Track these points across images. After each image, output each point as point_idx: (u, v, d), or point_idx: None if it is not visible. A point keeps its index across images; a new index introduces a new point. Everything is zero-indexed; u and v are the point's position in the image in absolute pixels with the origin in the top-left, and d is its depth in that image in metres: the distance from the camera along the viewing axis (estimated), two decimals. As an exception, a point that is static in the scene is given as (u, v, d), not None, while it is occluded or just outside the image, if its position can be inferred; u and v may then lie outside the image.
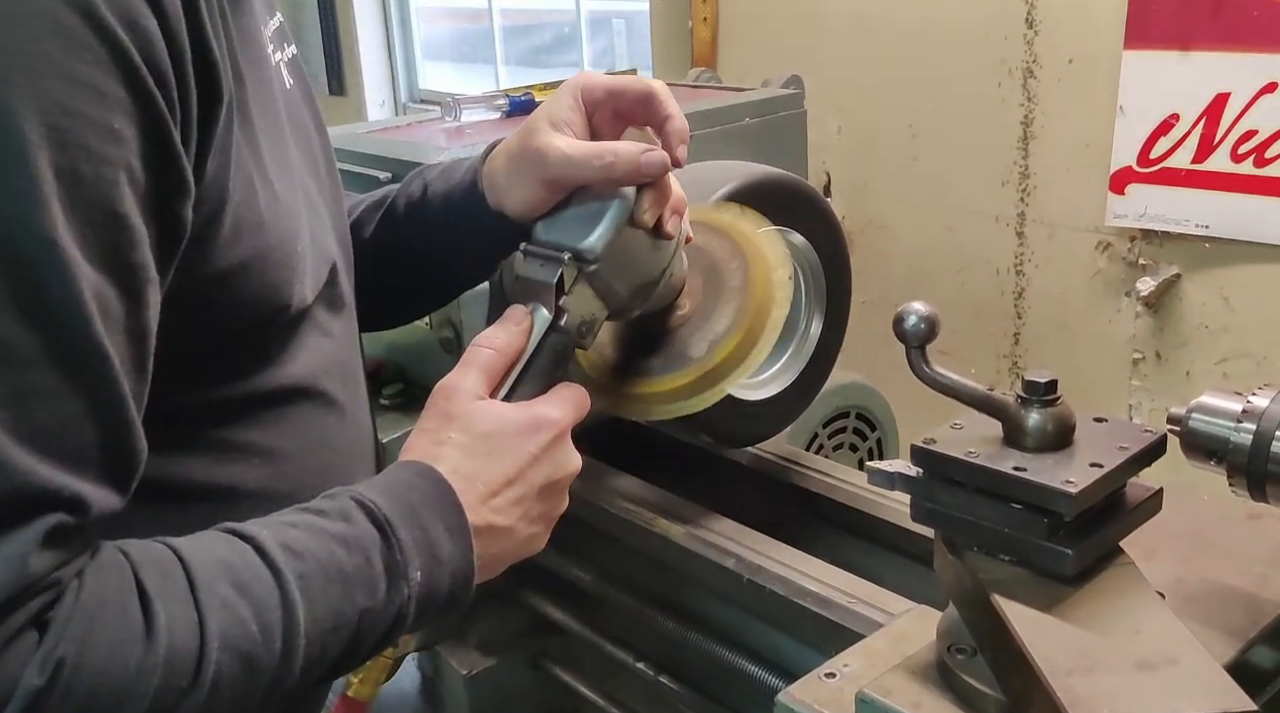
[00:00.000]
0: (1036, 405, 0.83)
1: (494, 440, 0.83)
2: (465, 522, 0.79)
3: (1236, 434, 0.85)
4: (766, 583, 1.16)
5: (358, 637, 0.73)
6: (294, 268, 0.81)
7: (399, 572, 0.74)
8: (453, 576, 0.78)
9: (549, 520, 0.87)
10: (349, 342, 0.95)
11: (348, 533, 0.74)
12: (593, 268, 0.91)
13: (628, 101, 0.96)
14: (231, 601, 0.67)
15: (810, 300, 1.33)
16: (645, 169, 0.91)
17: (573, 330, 0.91)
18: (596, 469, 1.45)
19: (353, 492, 0.77)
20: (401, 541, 0.75)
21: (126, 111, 0.64)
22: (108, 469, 0.65)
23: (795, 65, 1.94)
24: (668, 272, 0.98)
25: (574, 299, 0.91)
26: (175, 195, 0.68)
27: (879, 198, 2.42)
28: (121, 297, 0.65)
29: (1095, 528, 0.80)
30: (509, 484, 0.82)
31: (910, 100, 2.29)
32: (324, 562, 0.71)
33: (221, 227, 0.74)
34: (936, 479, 0.85)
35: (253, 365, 0.82)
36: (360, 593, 0.73)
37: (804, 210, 1.29)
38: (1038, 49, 2.07)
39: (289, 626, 0.68)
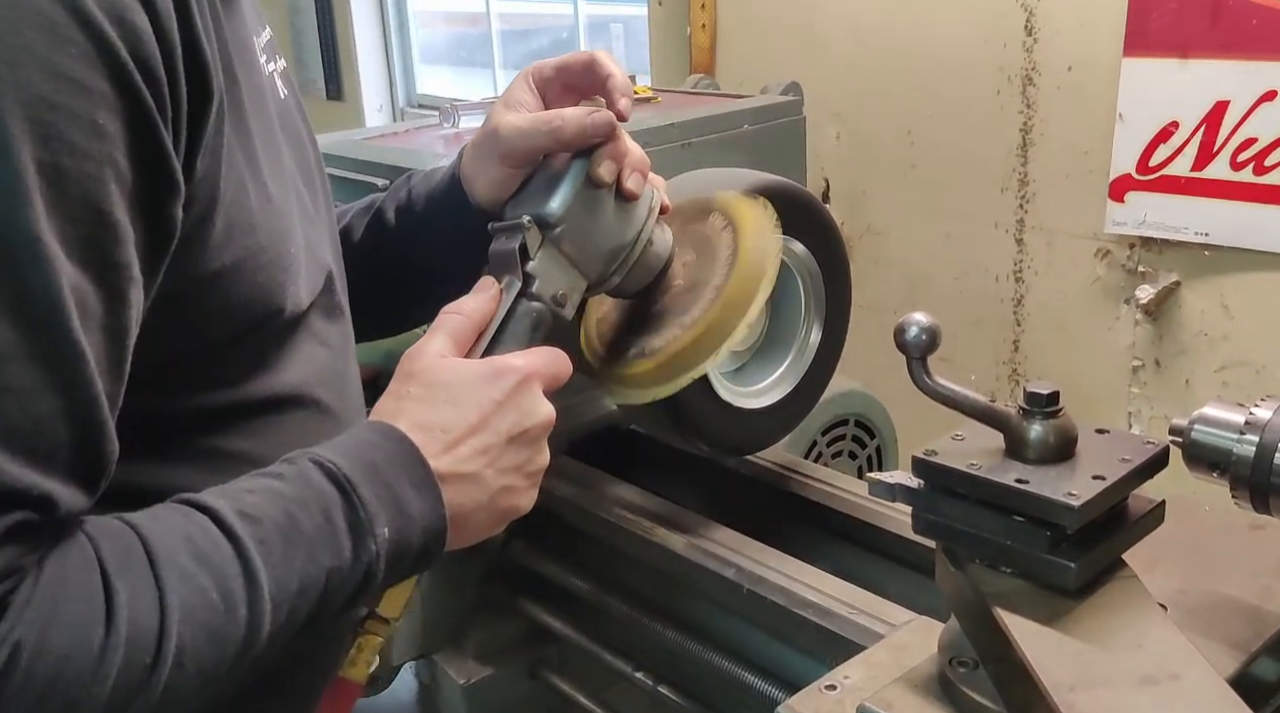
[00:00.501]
0: (1038, 417, 0.82)
1: (453, 389, 0.82)
2: (431, 475, 0.78)
3: (1239, 446, 0.84)
4: (767, 593, 1.16)
5: (325, 596, 0.72)
6: (287, 269, 0.80)
7: (364, 529, 0.73)
8: (424, 530, 0.77)
9: (526, 473, 0.85)
10: (345, 351, 0.94)
11: (306, 493, 0.73)
12: (557, 231, 0.92)
13: (574, 73, 0.99)
14: (191, 572, 0.66)
15: (809, 308, 1.32)
16: (593, 128, 0.93)
17: (546, 298, 0.91)
18: (595, 478, 1.45)
19: (311, 453, 0.76)
20: (364, 498, 0.74)
21: (112, 107, 0.63)
22: (78, 469, 0.64)
23: (794, 72, 1.94)
24: (642, 237, 0.98)
25: (541, 265, 0.91)
26: (165, 194, 0.68)
27: (878, 205, 2.42)
28: (101, 294, 0.64)
29: (1098, 541, 0.80)
30: (472, 432, 0.81)
31: (909, 107, 2.29)
32: (283, 525, 0.70)
33: (213, 226, 0.73)
34: (938, 491, 0.84)
35: (246, 372, 0.81)
36: (324, 553, 0.72)
37: (803, 217, 1.29)
38: (1037, 56, 2.07)
39: (252, 592, 0.68)
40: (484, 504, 0.82)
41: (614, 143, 0.95)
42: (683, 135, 1.70)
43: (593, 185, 0.94)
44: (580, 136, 0.94)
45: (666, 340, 1.01)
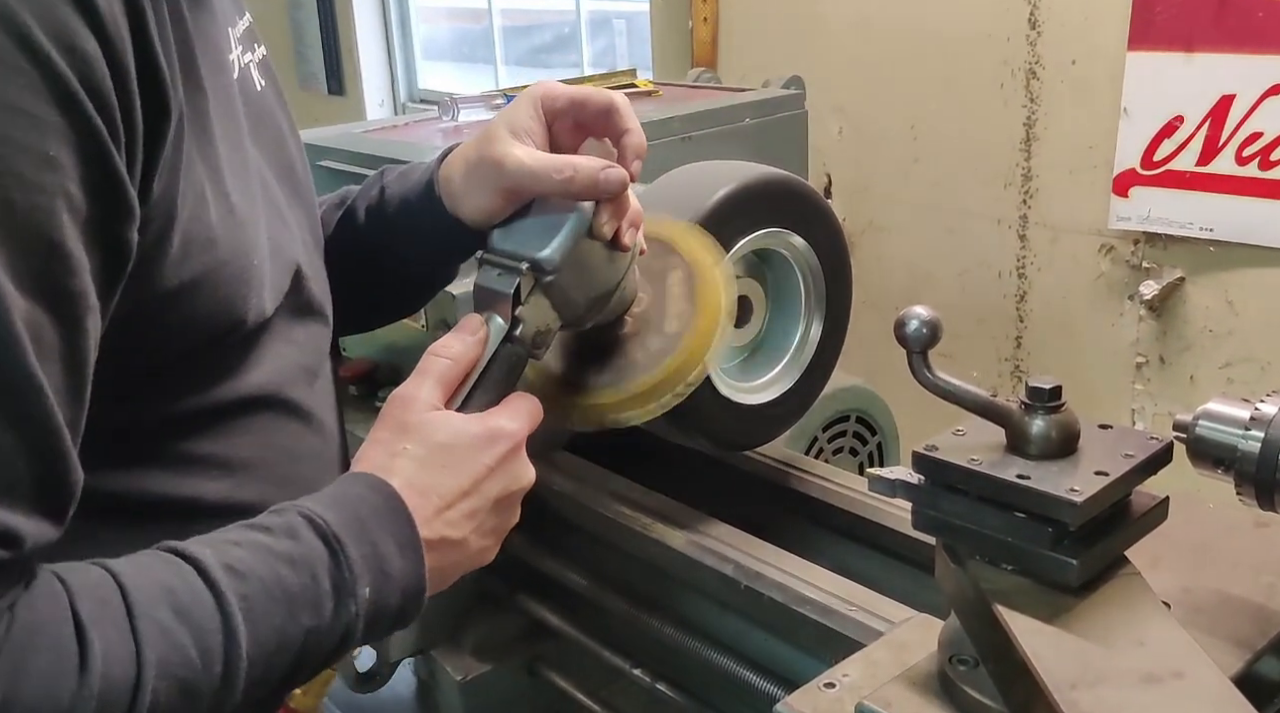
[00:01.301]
0: (1040, 412, 0.81)
1: (450, 453, 0.82)
2: (417, 537, 0.77)
3: (1244, 442, 0.83)
4: (765, 590, 1.15)
5: (302, 656, 0.72)
6: (249, 282, 0.79)
7: (347, 589, 0.73)
8: (403, 591, 0.76)
9: (500, 534, 0.86)
10: (315, 347, 0.93)
11: (294, 551, 0.72)
12: (549, 278, 0.91)
13: (589, 113, 0.95)
14: (170, 627, 0.65)
15: (810, 304, 1.31)
16: (604, 185, 0.90)
17: (527, 341, 0.91)
18: (594, 473, 1.44)
19: (301, 507, 0.75)
20: (350, 558, 0.73)
21: (63, 137, 0.62)
22: (41, 501, 0.63)
23: (796, 66, 1.93)
24: (623, 284, 0.98)
25: (530, 309, 0.90)
26: (119, 219, 0.66)
27: (880, 200, 2.41)
28: (57, 325, 0.63)
29: (1100, 537, 0.79)
30: (464, 497, 0.81)
31: (912, 101, 2.27)
32: (268, 582, 0.70)
33: (170, 245, 0.72)
34: (938, 487, 0.83)
35: (211, 378, 0.80)
36: (306, 613, 0.71)
37: (804, 211, 1.27)
38: (1040, 50, 2.05)
39: (230, 649, 0.67)
40: (461, 565, 0.84)
41: (622, 201, 0.93)
42: (683, 129, 1.69)
43: (591, 238, 0.92)
44: (591, 192, 0.90)
45: (626, 376, 1.02)
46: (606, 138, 0.95)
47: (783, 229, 1.25)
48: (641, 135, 0.94)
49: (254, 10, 0.96)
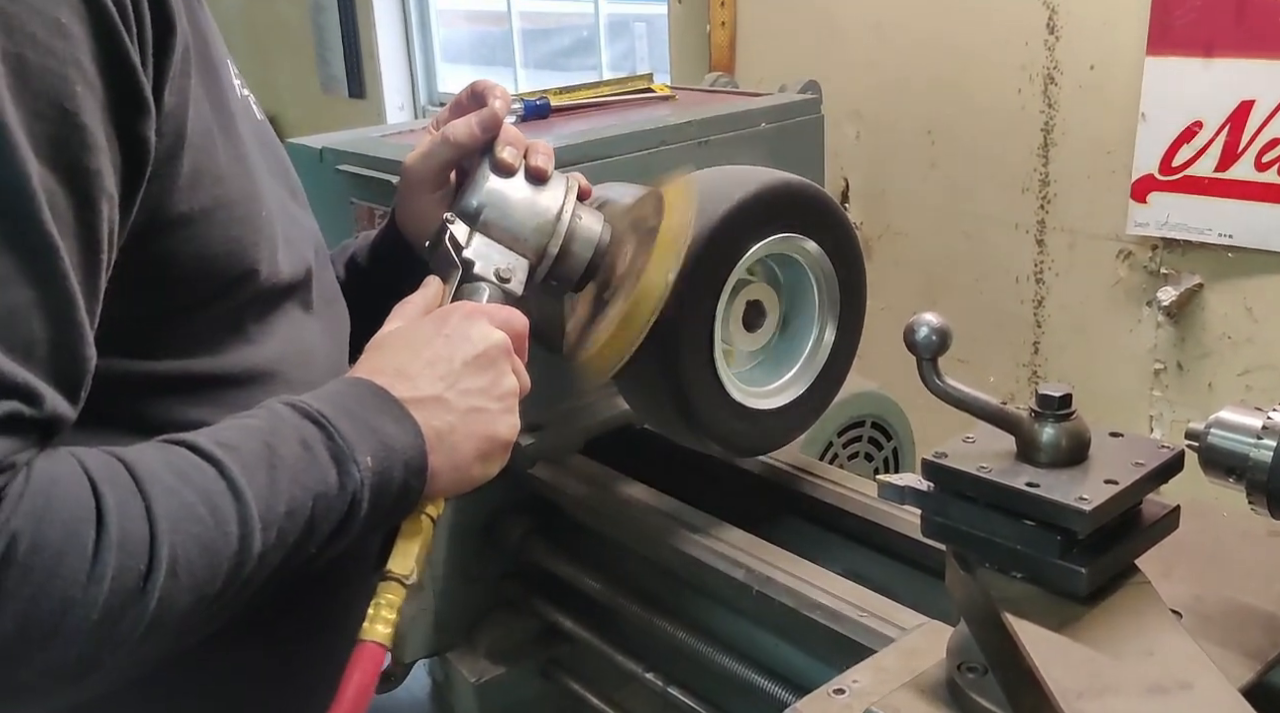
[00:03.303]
0: (1051, 420, 0.81)
1: (401, 337, 0.87)
2: (400, 405, 0.80)
3: (1256, 451, 0.83)
4: (776, 595, 1.15)
5: (313, 522, 0.73)
6: (259, 230, 0.82)
7: (346, 456, 0.74)
8: (406, 462, 0.78)
9: (494, 396, 0.86)
10: (332, 345, 0.95)
11: (280, 427, 0.74)
12: (481, 219, 1.00)
13: (463, 104, 1.06)
14: (175, 488, 0.66)
15: (824, 308, 1.31)
16: (480, 122, 1.01)
17: (490, 277, 0.98)
18: (608, 477, 1.44)
19: (280, 398, 0.77)
20: (341, 430, 0.75)
21: (74, 8, 0.63)
22: (56, 368, 0.63)
23: (813, 71, 1.92)
24: (565, 212, 1.03)
25: (475, 251, 0.99)
26: (135, 113, 0.68)
27: (897, 205, 2.40)
28: (71, 198, 0.63)
29: (1109, 546, 0.78)
30: (428, 365, 0.84)
31: (929, 106, 2.27)
32: (261, 453, 0.71)
33: (180, 165, 0.73)
34: (948, 494, 0.83)
35: (225, 339, 0.82)
36: (308, 478, 0.73)
37: (819, 216, 1.27)
38: (1059, 55, 2.05)
39: (241, 509, 0.68)
40: (456, 426, 0.83)
41: (512, 134, 1.02)
42: (700, 133, 1.69)
43: (503, 172, 1.01)
44: (470, 134, 1.01)
45: (600, 329, 1.05)
46: None
47: (797, 234, 1.25)
48: (500, 87, 1.05)
49: (278, 14, 1.02)
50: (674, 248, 1.03)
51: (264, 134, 0.96)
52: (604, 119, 1.76)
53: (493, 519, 1.51)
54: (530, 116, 1.76)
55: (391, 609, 0.84)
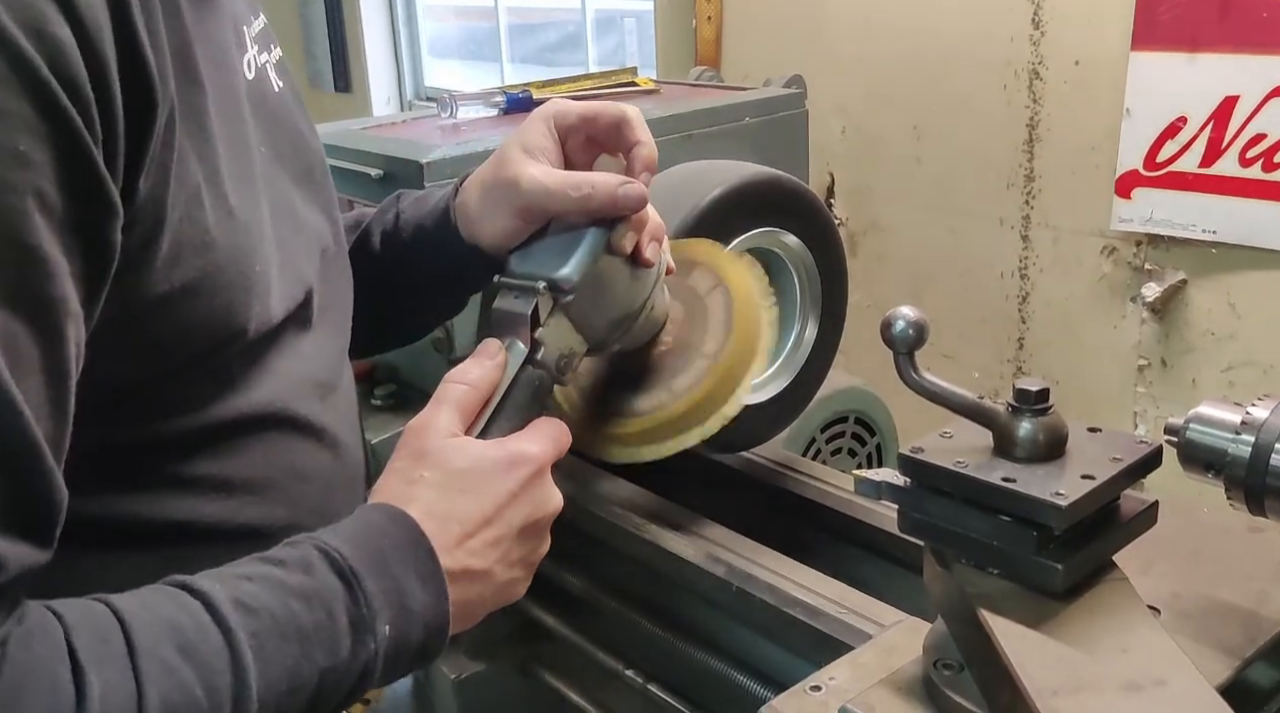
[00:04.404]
0: (1028, 415, 0.81)
1: (469, 478, 0.78)
2: (439, 569, 0.74)
3: (1234, 446, 0.82)
4: (756, 592, 1.14)
5: (318, 697, 0.68)
6: (251, 289, 0.76)
7: (365, 626, 0.69)
8: (426, 627, 0.73)
9: (529, 565, 0.83)
10: (325, 361, 0.89)
11: (308, 586, 0.69)
12: (569, 298, 0.88)
13: (601, 128, 0.94)
14: (175, 665, 0.62)
15: (805, 303, 1.30)
16: (623, 201, 0.88)
17: (550, 365, 0.88)
18: (588, 473, 1.43)
19: (316, 540, 0.72)
20: (368, 593, 0.70)
21: (34, 131, 0.58)
22: (22, 523, 0.59)
23: (799, 65, 1.91)
24: (648, 303, 0.95)
25: (550, 331, 0.88)
26: (99, 218, 0.63)
27: (882, 200, 2.40)
28: (35, 335, 0.60)
29: (1086, 542, 0.78)
30: (486, 524, 0.78)
31: (915, 101, 2.27)
32: (280, 619, 0.67)
33: (159, 248, 0.68)
34: (924, 489, 0.82)
35: (210, 393, 0.77)
36: (321, 652, 0.68)
37: (799, 211, 1.27)
38: (1044, 50, 2.04)
39: (240, 690, 0.64)
40: (487, 598, 0.80)
41: (641, 216, 0.91)
42: (683, 127, 1.68)
43: (611, 254, 0.90)
44: (609, 208, 0.89)
45: (656, 404, 0.99)
46: (620, 152, 0.94)
47: (777, 229, 1.24)
48: (653, 147, 0.92)
49: (265, 6, 0.94)
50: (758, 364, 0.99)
51: (279, 110, 0.89)
52: (588, 113, 1.75)
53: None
54: (512, 109, 1.75)
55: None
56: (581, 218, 0.90)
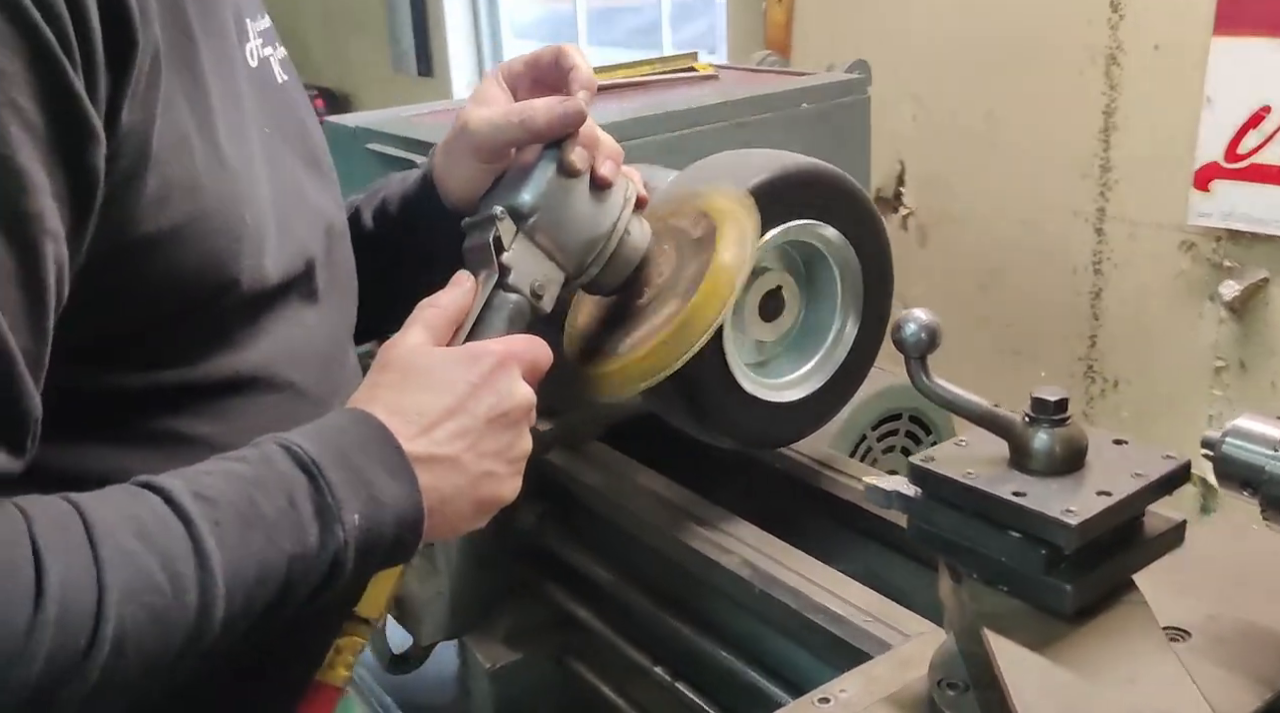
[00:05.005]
0: (1045, 425, 0.76)
1: (429, 374, 0.81)
2: (404, 459, 0.75)
3: (1273, 463, 0.77)
4: (779, 595, 1.11)
5: (288, 585, 0.69)
6: (240, 238, 0.77)
7: (332, 514, 0.71)
8: (399, 518, 0.74)
9: (507, 459, 0.83)
10: (329, 334, 0.92)
11: (268, 476, 0.70)
12: (531, 222, 0.92)
13: (543, 68, 0.99)
14: (134, 551, 0.63)
15: (846, 300, 1.26)
16: (564, 117, 0.93)
17: (523, 289, 0.91)
18: (625, 466, 1.42)
19: (277, 437, 0.74)
20: (331, 482, 0.71)
21: (8, 44, 0.60)
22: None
23: (871, 49, 1.86)
24: (618, 227, 0.97)
25: (516, 256, 0.91)
26: (81, 142, 0.64)
27: (953, 190, 2.33)
28: (11, 247, 0.61)
29: (1100, 561, 0.74)
30: (449, 415, 0.79)
31: (988, 87, 2.19)
32: (241, 508, 0.68)
33: (144, 184, 0.70)
34: (934, 500, 0.79)
35: (206, 349, 0.79)
36: (287, 540, 0.69)
37: (841, 204, 1.22)
38: (1122, 35, 1.95)
39: (204, 576, 0.65)
40: (464, 489, 0.80)
41: (588, 133, 0.94)
42: (736, 114, 1.65)
43: (566, 175, 0.93)
44: (550, 126, 0.93)
45: (632, 343, 0.99)
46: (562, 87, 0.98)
47: (817, 222, 1.20)
48: (589, 70, 0.97)
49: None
50: (732, 280, 0.98)
51: (284, 99, 0.92)
52: (640, 99, 1.72)
53: (509, 503, 1.49)
54: (565, 96, 1.73)
55: (353, 653, 0.82)
56: (529, 143, 0.95)
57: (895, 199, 2.45)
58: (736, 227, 1.03)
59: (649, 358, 0.98)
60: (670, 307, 1.00)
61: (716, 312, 0.97)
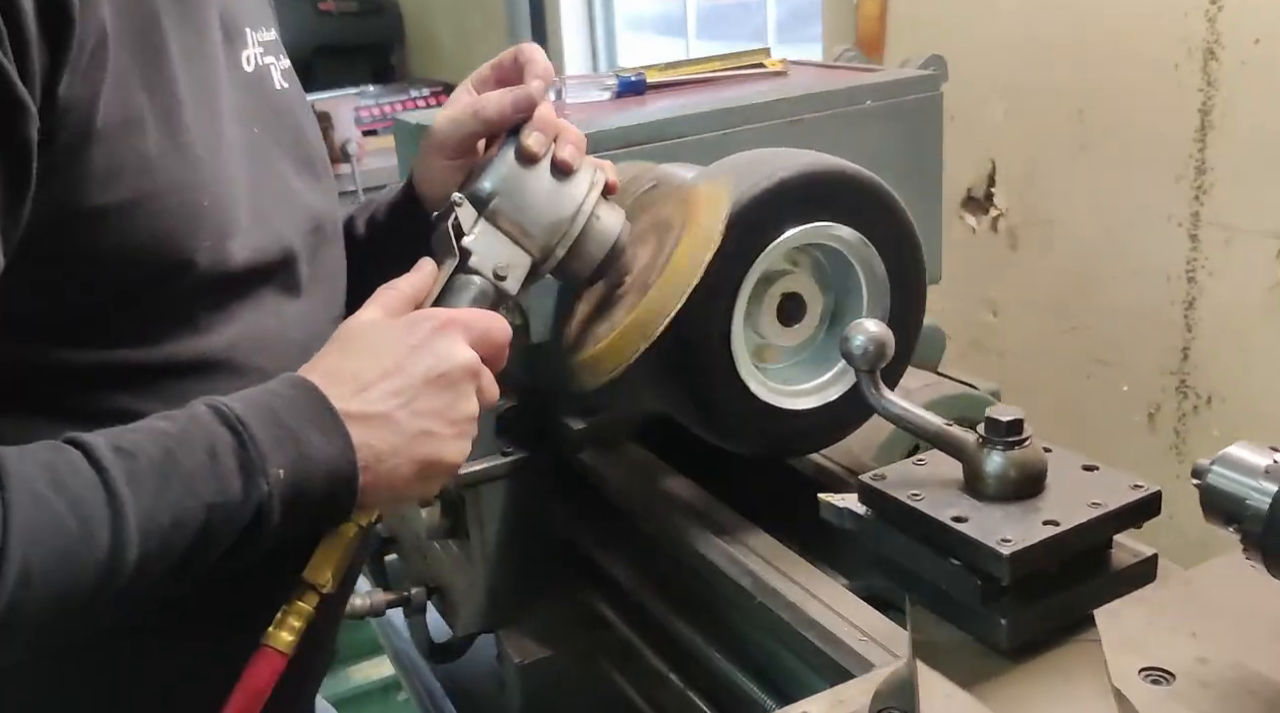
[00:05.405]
0: (999, 447, 0.72)
1: (367, 340, 0.84)
2: (336, 417, 0.78)
3: (1255, 496, 0.71)
4: (775, 607, 1.09)
5: (208, 533, 0.72)
6: (199, 221, 0.80)
7: (255, 467, 0.74)
8: (330, 474, 0.77)
9: (448, 419, 0.84)
10: (308, 328, 0.93)
11: (191, 431, 0.74)
12: (491, 206, 0.94)
13: (505, 68, 1.03)
14: (44, 495, 0.67)
15: (871, 307, 1.21)
16: (513, 103, 0.97)
17: (485, 271, 0.93)
18: (652, 467, 1.40)
19: (209, 399, 0.77)
20: (256, 437, 0.74)
21: None
22: None
23: (965, 44, 1.79)
24: (582, 211, 0.97)
25: (478, 240, 0.93)
26: (9, 113, 0.67)
27: (1044, 191, 2.23)
28: None
29: (1045, 595, 0.69)
30: (385, 376, 0.81)
31: (1080, 82, 2.08)
32: (157, 460, 0.71)
33: (88, 159, 0.73)
34: (882, 521, 0.75)
35: (172, 330, 0.82)
36: (205, 489, 0.72)
37: (865, 207, 1.18)
38: (1220, 27, 1.83)
39: (116, 520, 0.68)
40: (399, 448, 0.81)
41: (544, 119, 0.97)
42: (791, 111, 1.60)
43: (526, 160, 0.96)
44: (501, 113, 0.98)
45: (602, 333, 1.00)
46: None
47: (833, 223, 1.16)
48: (545, 63, 1.01)
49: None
50: (692, 261, 0.98)
51: (280, 104, 0.96)
52: (698, 96, 1.70)
53: (542, 499, 1.49)
54: (625, 93, 1.72)
55: (300, 617, 0.83)
56: (486, 133, 1.00)
57: (986, 200, 2.36)
58: (708, 213, 1.01)
59: (610, 348, 0.98)
60: (645, 285, 1.01)
61: (674, 301, 0.96)
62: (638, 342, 0.97)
